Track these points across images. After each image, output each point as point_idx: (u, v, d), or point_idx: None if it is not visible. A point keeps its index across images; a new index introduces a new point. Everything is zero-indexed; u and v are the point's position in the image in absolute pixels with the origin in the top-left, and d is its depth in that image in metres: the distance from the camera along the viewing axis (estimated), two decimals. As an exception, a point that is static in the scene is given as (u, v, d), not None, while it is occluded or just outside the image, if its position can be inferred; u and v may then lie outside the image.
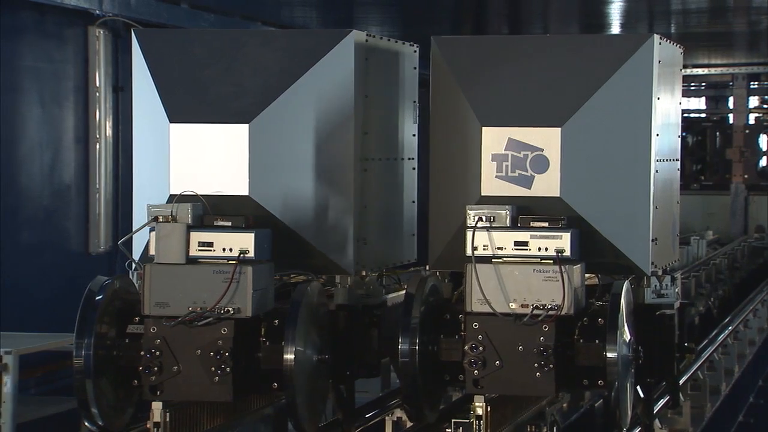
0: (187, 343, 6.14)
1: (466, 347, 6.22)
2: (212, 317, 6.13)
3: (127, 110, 7.90)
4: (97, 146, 11.01)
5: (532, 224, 6.28)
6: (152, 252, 6.24)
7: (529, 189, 6.46)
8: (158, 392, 6.17)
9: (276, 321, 6.32)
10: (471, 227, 6.26)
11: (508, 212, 6.28)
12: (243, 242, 6.21)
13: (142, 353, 6.15)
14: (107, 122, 11.05)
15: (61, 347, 8.71)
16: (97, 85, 10.96)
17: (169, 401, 6.25)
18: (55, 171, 10.73)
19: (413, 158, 7.37)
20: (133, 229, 6.53)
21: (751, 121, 19.82)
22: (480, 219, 6.26)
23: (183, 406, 6.40)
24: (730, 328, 11.68)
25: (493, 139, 6.50)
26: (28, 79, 10.44)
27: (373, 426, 7.92)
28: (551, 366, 6.13)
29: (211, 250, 6.21)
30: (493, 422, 6.41)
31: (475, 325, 6.21)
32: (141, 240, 6.50)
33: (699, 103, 20.75)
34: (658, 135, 6.60)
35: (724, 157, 19.53)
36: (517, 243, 6.23)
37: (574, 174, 6.46)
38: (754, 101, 19.92)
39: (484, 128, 6.52)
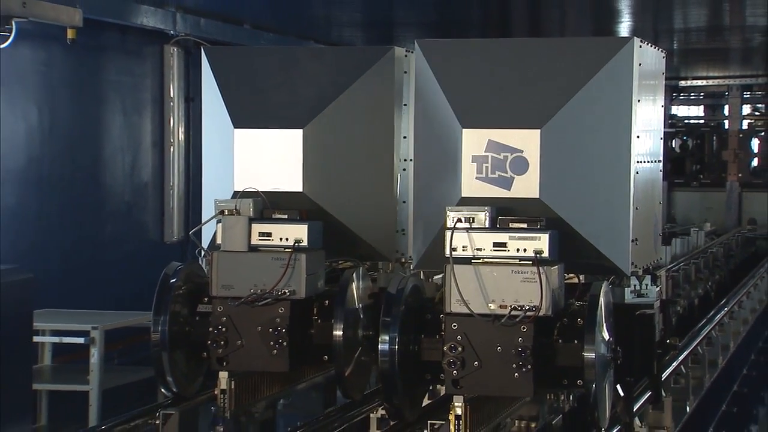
0: (250, 321, 6.14)
1: (445, 348, 5.57)
2: (271, 298, 6.13)
3: (197, 118, 7.95)
4: (171, 149, 11.05)
5: (510, 225, 5.63)
6: (219, 241, 6.26)
7: (509, 190, 5.80)
8: (224, 363, 6.19)
9: (326, 302, 6.32)
10: (450, 228, 5.64)
11: (487, 213, 5.65)
12: (298, 233, 6.21)
13: (210, 329, 6.16)
14: (180, 128, 11.09)
15: (141, 324, 8.75)
16: (171, 95, 11.00)
17: (233, 371, 6.26)
18: (134, 171, 10.78)
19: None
20: (203, 221, 6.54)
21: (744, 127, 19.64)
22: (459, 220, 5.63)
23: (246, 376, 6.41)
24: (725, 308, 11.55)
25: (474, 141, 5.85)
26: (111, 91, 10.50)
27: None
28: (529, 366, 5.49)
29: (270, 240, 6.21)
30: (472, 422, 5.72)
31: (454, 326, 5.56)
32: (209, 231, 6.51)
33: (698, 110, 20.54)
34: (638, 137, 5.94)
35: (721, 158, 19.33)
36: (495, 244, 5.58)
37: (554, 175, 5.80)
38: (746, 109, 19.72)
39: (464, 130, 5.86)
